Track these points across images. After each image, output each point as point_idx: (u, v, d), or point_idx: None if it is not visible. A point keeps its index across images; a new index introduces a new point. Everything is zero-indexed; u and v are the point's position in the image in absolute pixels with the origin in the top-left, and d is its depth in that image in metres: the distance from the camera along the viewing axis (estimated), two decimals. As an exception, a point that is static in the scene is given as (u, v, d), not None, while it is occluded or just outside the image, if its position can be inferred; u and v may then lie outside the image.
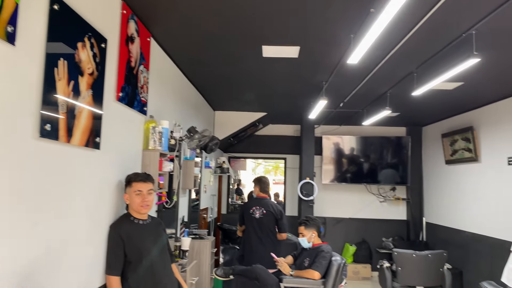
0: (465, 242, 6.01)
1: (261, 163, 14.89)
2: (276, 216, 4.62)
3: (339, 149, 7.69)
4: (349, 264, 7.35)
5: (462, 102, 5.63)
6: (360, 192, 7.79)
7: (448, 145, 6.49)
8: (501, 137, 5.19)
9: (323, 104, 5.01)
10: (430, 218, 7.29)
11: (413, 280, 4.30)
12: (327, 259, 3.66)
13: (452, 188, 6.52)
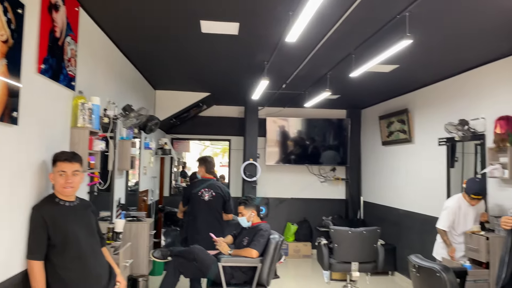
0: (399, 219, 6.33)
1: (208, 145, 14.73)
2: (225, 198, 4.59)
3: (283, 131, 7.76)
4: (291, 243, 7.52)
5: (398, 85, 5.84)
6: (302, 173, 7.94)
7: (385, 127, 6.74)
8: (432, 119, 5.45)
9: (265, 85, 4.99)
10: (368, 197, 7.59)
11: (348, 256, 4.45)
12: (265, 237, 3.68)
13: (388, 168, 6.81)
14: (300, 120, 7.79)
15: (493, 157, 4.22)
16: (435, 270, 2.85)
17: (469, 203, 4.07)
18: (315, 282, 5.78)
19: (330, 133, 7.87)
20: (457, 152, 5.12)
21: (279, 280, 5.85)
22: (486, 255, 3.84)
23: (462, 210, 4.11)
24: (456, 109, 4.93)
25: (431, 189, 5.44)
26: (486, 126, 4.40)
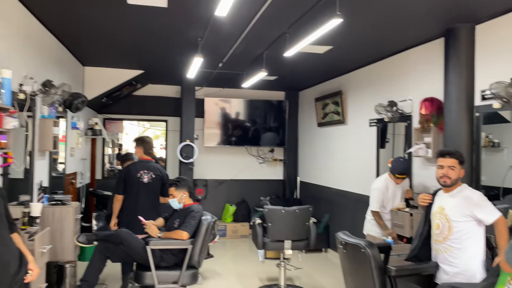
0: (332, 198, 6.51)
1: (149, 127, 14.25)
2: (164, 180, 4.43)
3: (224, 112, 7.67)
4: (229, 223, 7.52)
5: (333, 67, 5.93)
6: (241, 154, 7.92)
7: (320, 109, 6.85)
8: (364, 101, 5.60)
9: (199, 62, 4.84)
10: (304, 177, 7.74)
11: (282, 234, 4.50)
12: (196, 218, 3.61)
13: (323, 149, 6.96)
14: (241, 102, 7.73)
15: (418, 137, 4.42)
16: (360, 246, 2.93)
17: (395, 182, 4.24)
18: (252, 261, 5.82)
19: (270, 115, 7.90)
20: (388, 133, 5.31)
21: (217, 261, 5.88)
22: (410, 230, 4.04)
23: (390, 190, 4.26)
24: (386, 91, 5.09)
25: (363, 168, 5.63)
26: (413, 107, 4.58)
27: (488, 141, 4.30)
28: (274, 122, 7.88)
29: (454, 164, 2.90)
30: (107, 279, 4.76)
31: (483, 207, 2.79)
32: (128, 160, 4.95)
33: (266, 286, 4.89)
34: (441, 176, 2.95)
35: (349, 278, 3.18)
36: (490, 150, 4.30)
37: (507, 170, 3.73)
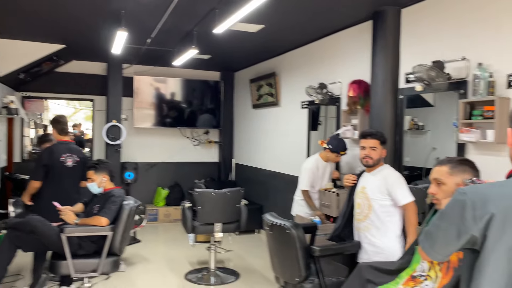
0: (266, 179, 6.52)
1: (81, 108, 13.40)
2: (86, 163, 4.11)
3: (157, 92, 7.35)
4: (161, 207, 7.31)
5: (267, 48, 5.85)
6: (174, 136, 7.67)
7: (255, 90, 6.78)
8: (296, 83, 5.60)
9: (124, 37, 4.53)
10: (239, 159, 7.69)
11: (212, 217, 4.41)
12: (117, 203, 3.39)
13: (258, 131, 6.92)
14: (175, 82, 7.45)
15: (346, 119, 4.48)
16: (285, 227, 2.91)
17: (333, 160, 4.26)
18: (183, 246, 5.69)
19: (205, 96, 7.70)
20: (321, 116, 5.35)
21: (146, 245, 5.68)
22: (336, 210, 4.11)
23: (320, 170, 4.30)
24: (317, 73, 5.10)
25: (295, 150, 5.66)
26: (342, 89, 4.63)
27: (413, 124, 4.46)
28: (209, 103, 7.70)
29: (376, 145, 2.96)
30: (24, 270, 4.41)
31: (398, 188, 2.87)
32: (46, 142, 4.56)
33: (196, 270, 4.80)
34: (363, 157, 3.00)
35: (275, 259, 3.16)
36: (415, 133, 4.46)
37: (430, 152, 3.88)
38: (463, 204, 1.35)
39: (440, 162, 1.95)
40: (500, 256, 1.31)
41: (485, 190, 1.39)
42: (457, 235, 1.36)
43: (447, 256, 1.49)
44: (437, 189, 1.90)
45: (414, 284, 1.89)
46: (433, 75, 3.25)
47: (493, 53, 3.01)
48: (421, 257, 1.94)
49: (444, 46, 3.41)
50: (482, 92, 2.95)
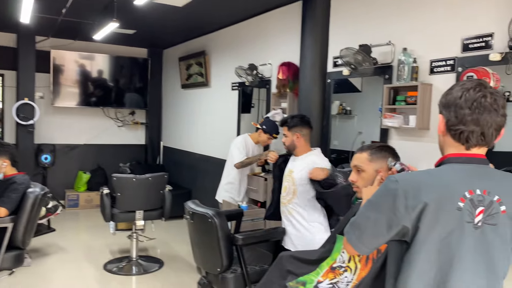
0: (195, 163, 6.30)
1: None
2: None
3: (79, 68, 6.78)
4: (82, 192, 6.84)
5: (196, 25, 5.56)
6: (97, 116, 7.16)
7: (185, 69, 6.48)
8: (227, 63, 5.39)
9: (30, 4, 4.03)
10: (168, 141, 7.37)
11: (132, 204, 4.14)
12: (19, 191, 3.02)
13: (187, 112, 6.65)
14: (102, 58, 6.93)
15: (276, 102, 4.38)
16: (207, 216, 2.75)
17: (264, 143, 4.11)
18: (105, 234, 5.33)
19: (133, 74, 7.24)
20: (254, 98, 5.20)
21: (64, 234, 5.26)
22: (264, 195, 4.03)
23: (250, 149, 4.16)
24: (248, 54, 4.94)
25: (225, 133, 5.48)
26: (272, 71, 4.50)
27: (341, 109, 4.46)
28: (138, 82, 7.25)
29: (285, 132, 2.99)
30: None
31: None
32: None
33: (116, 260, 4.51)
34: (283, 144, 3.02)
35: (196, 249, 3.01)
36: (343, 117, 4.47)
37: (356, 136, 3.91)
38: (394, 193, 1.26)
39: (360, 149, 1.88)
40: (431, 247, 1.25)
41: (417, 179, 1.31)
42: (388, 227, 1.28)
43: (374, 248, 1.40)
44: (357, 176, 1.83)
45: (334, 276, 1.82)
46: (359, 59, 3.22)
47: (417, 39, 3.02)
48: (342, 247, 1.87)
49: (371, 30, 3.38)
50: (406, 77, 2.96)
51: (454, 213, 1.24)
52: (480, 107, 1.27)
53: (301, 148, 2.95)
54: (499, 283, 1.29)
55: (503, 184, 1.31)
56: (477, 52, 2.62)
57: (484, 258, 1.27)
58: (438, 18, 2.88)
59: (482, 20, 2.61)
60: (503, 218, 1.28)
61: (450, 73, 2.77)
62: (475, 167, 1.31)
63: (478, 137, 1.29)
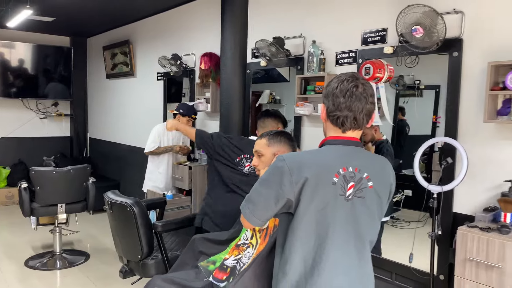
0: (123, 154, 6.22)
1: None
2: None
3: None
4: (2, 189, 6.49)
5: (119, 13, 5.46)
6: (16, 108, 6.79)
7: (109, 59, 6.33)
8: (151, 53, 5.36)
9: None
10: (94, 133, 7.18)
11: (53, 198, 4.04)
12: None
13: (113, 103, 6.52)
14: (23, 46, 6.60)
15: (200, 92, 4.46)
16: (126, 205, 2.79)
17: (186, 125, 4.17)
18: (26, 230, 5.14)
19: (57, 63, 6.91)
20: (184, 88, 5.21)
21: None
22: (189, 183, 4.12)
23: (171, 137, 4.21)
24: (172, 44, 4.95)
25: (152, 123, 5.43)
26: (196, 61, 4.57)
27: (272, 98, 4.64)
28: (60, 71, 6.95)
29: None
30: None
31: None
32: None
33: (38, 255, 4.39)
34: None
35: (117, 238, 3.04)
36: (273, 106, 4.63)
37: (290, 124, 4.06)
38: (281, 170, 1.42)
39: (260, 136, 2.03)
40: (311, 218, 1.43)
41: (301, 157, 1.50)
42: (276, 200, 1.44)
43: (266, 221, 1.56)
44: (258, 160, 1.99)
45: (238, 252, 1.97)
46: (274, 51, 3.39)
47: (325, 33, 3.23)
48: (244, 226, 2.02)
49: (286, 23, 3.56)
50: (314, 68, 3.17)
51: (330, 187, 1.43)
52: (352, 96, 1.46)
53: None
54: (364, 248, 1.50)
55: (371, 164, 1.52)
56: (374, 46, 2.89)
57: (353, 226, 1.47)
58: (343, 13, 3.12)
59: (378, 16, 2.87)
60: (371, 193, 1.49)
61: (353, 64, 3.02)
62: (349, 148, 1.50)
63: (351, 122, 1.48)
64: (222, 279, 1.90)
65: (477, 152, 2.37)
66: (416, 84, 3.87)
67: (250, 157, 2.70)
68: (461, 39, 2.44)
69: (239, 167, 2.75)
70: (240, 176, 2.74)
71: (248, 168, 2.74)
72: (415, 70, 3.25)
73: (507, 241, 2.01)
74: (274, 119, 2.87)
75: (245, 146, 2.77)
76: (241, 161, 2.76)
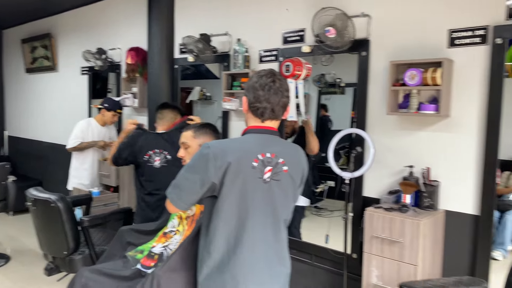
0: (45, 152, 5.95)
1: None
2: None
3: None
4: None
5: (39, 5, 5.22)
6: None
7: (29, 52, 6.02)
8: (75, 47, 5.19)
9: None
10: (13, 131, 6.78)
11: (-33, 198, 3.82)
12: None
13: (33, 99, 6.20)
14: None
15: (126, 87, 4.42)
16: (50, 200, 2.74)
17: (110, 121, 4.10)
18: None
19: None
20: (110, 83, 5.10)
21: None
22: (116, 180, 4.08)
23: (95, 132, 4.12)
24: (97, 38, 4.84)
25: (75, 120, 5.25)
26: (122, 56, 4.52)
27: (202, 94, 4.72)
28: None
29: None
30: None
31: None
32: None
33: (-49, 261, 4.11)
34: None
35: (41, 235, 2.97)
36: (204, 103, 4.73)
37: (216, 120, 4.15)
38: (207, 156, 1.55)
39: (186, 128, 2.13)
40: (233, 199, 1.57)
41: (225, 144, 1.66)
42: (201, 184, 1.55)
43: (191, 204, 1.67)
44: (184, 152, 2.08)
45: (166, 240, 2.05)
46: (201, 47, 3.48)
47: (249, 32, 3.39)
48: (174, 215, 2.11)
49: (212, 20, 3.66)
50: (240, 65, 3.32)
51: (250, 171, 1.57)
52: (270, 90, 1.63)
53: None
54: (280, 226, 1.67)
55: (286, 150, 1.70)
56: (294, 45, 3.09)
57: (270, 206, 1.63)
58: (265, 13, 3.29)
59: (297, 17, 3.08)
60: (286, 176, 1.66)
61: (274, 62, 3.20)
62: (267, 136, 1.67)
63: (269, 112, 1.64)
64: (150, 266, 1.97)
65: (382, 141, 2.65)
66: (337, 82, 4.17)
67: (160, 152, 2.80)
68: (368, 40, 2.71)
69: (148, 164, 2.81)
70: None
71: (158, 162, 2.80)
72: (336, 69, 3.52)
73: (406, 218, 2.29)
74: (172, 110, 3.00)
75: (154, 142, 2.84)
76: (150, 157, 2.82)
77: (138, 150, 2.82)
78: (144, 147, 2.82)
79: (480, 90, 2.31)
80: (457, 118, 2.39)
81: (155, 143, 2.83)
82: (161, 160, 2.80)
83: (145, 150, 2.81)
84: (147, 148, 2.81)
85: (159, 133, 2.94)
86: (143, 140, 2.85)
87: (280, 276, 1.68)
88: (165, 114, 2.99)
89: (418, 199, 2.45)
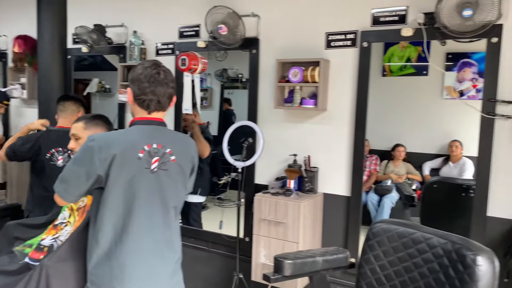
0: None
1: None
2: None
3: None
4: None
5: None
6: None
7: None
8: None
9: None
10: None
11: None
12: None
13: None
14: None
15: (14, 77, 4.15)
16: None
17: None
18: None
19: None
20: None
21: None
22: (3, 175, 3.84)
23: None
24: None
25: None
26: (9, 44, 4.22)
27: (101, 86, 4.58)
28: None
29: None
30: None
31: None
32: None
33: None
34: None
35: None
36: (103, 95, 4.58)
37: (116, 113, 4.03)
38: (91, 149, 1.57)
39: (77, 120, 2.13)
40: (119, 189, 1.61)
41: (110, 137, 1.69)
42: (87, 176, 1.58)
43: (79, 197, 1.68)
44: (75, 143, 2.08)
45: (56, 232, 2.04)
46: (95, 38, 3.42)
47: (146, 24, 3.41)
48: (65, 207, 2.10)
49: (107, 11, 3.60)
50: (136, 57, 3.34)
51: (136, 162, 1.64)
52: (155, 81, 1.68)
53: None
54: (169, 213, 1.75)
55: (173, 140, 1.78)
56: (189, 39, 3.20)
57: (158, 195, 1.71)
58: (162, 7, 3.34)
59: (192, 13, 3.18)
60: (173, 165, 1.75)
61: (171, 55, 3.27)
62: (154, 127, 1.73)
63: (156, 104, 1.70)
64: (39, 259, 1.95)
65: (271, 132, 2.89)
66: (239, 77, 4.36)
67: (63, 150, 2.73)
68: (258, 39, 2.92)
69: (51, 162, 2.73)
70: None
71: (61, 161, 2.72)
72: (238, 65, 3.68)
73: (289, 201, 2.55)
74: (75, 102, 2.89)
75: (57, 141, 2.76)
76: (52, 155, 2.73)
77: (39, 148, 2.68)
78: (46, 146, 2.69)
79: (351, 88, 2.64)
80: (333, 111, 2.71)
81: (58, 142, 2.70)
82: (65, 159, 2.70)
83: (47, 149, 2.69)
84: (49, 147, 2.69)
85: (64, 130, 2.81)
86: (45, 138, 2.72)
87: (170, 261, 1.76)
88: (67, 106, 2.87)
89: (300, 184, 2.73)
